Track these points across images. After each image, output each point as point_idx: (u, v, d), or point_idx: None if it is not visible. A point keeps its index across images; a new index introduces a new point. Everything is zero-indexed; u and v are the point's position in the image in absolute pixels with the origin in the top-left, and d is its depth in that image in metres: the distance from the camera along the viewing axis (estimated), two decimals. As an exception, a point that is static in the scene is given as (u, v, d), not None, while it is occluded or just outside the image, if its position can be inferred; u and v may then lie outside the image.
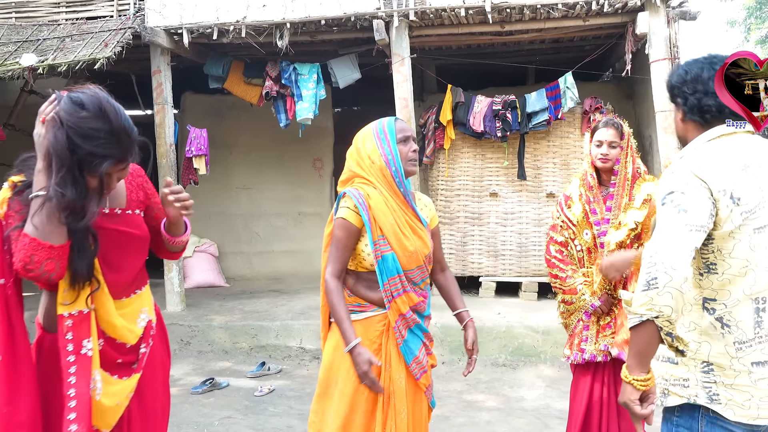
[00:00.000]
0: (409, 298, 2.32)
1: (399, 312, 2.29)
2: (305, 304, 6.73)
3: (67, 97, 1.71)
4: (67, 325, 1.77)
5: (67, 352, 1.77)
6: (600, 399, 2.91)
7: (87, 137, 1.68)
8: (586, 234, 2.93)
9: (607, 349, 2.85)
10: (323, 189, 8.83)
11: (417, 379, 2.33)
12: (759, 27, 23.70)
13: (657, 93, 5.85)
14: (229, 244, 8.79)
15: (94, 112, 1.69)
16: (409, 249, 2.29)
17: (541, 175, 6.90)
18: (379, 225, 2.26)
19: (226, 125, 8.62)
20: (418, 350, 2.34)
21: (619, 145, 2.88)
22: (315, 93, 6.76)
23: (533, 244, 6.85)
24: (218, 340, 5.95)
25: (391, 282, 2.27)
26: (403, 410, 2.24)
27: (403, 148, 2.34)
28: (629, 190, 2.88)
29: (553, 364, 5.33)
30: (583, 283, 2.92)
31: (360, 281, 2.35)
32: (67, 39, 6.32)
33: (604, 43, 6.96)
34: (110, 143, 1.71)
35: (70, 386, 1.76)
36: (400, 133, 2.35)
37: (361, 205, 2.26)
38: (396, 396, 2.26)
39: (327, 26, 6.25)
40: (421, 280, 2.39)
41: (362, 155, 2.35)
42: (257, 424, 4.23)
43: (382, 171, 2.31)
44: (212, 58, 7.11)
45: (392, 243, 2.27)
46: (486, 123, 6.67)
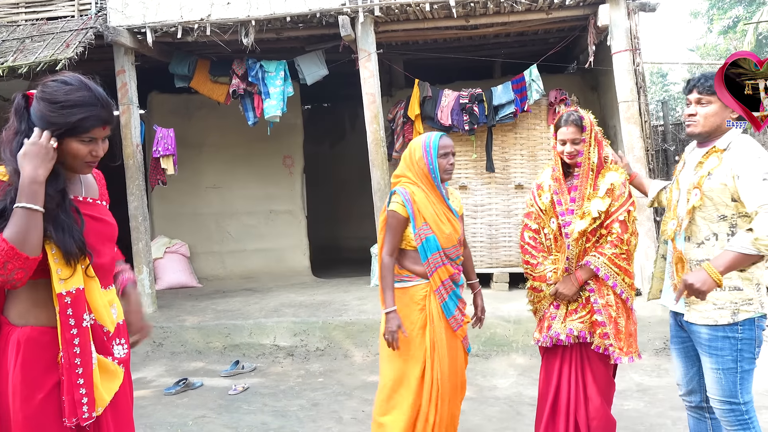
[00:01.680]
0: (447, 269, 3.02)
1: (440, 279, 3.00)
2: (278, 302, 6.73)
3: (51, 81, 1.88)
4: (66, 302, 1.84)
5: (70, 326, 1.84)
6: (568, 381, 2.98)
7: (76, 105, 1.85)
8: (553, 222, 3.01)
9: (572, 332, 2.92)
10: (294, 186, 8.82)
11: (455, 331, 3.03)
12: (721, 17, 24.20)
13: (620, 84, 5.96)
14: (200, 244, 8.73)
15: (77, 84, 1.88)
16: (446, 232, 3.00)
17: (509, 167, 6.98)
18: (422, 215, 2.98)
19: (194, 124, 8.56)
20: (455, 309, 3.03)
21: (581, 140, 2.94)
22: (282, 90, 6.75)
23: (503, 236, 6.94)
24: (191, 341, 5.92)
25: (433, 257, 2.98)
26: (445, 354, 2.97)
27: (443, 161, 3.02)
28: (594, 179, 2.94)
29: (525, 352, 5.41)
30: (552, 271, 2.99)
31: (408, 258, 3.05)
32: (27, 40, 6.20)
33: (568, 36, 7.07)
34: (96, 107, 1.88)
35: (76, 356, 1.84)
36: (442, 149, 3.02)
37: (407, 201, 2.99)
38: (438, 343, 2.97)
39: (292, 23, 6.24)
40: (456, 256, 3.09)
41: (413, 160, 3.06)
42: (232, 422, 4.23)
43: (426, 176, 3.02)
44: (177, 57, 7.04)
45: (433, 228, 2.98)
46: (453, 117, 6.72)
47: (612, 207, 2.89)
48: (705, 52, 26.44)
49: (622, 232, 2.88)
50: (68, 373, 1.84)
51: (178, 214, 8.56)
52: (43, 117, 1.83)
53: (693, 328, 2.61)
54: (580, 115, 2.98)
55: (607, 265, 2.87)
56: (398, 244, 3.04)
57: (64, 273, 1.84)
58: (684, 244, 2.61)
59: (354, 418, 4.21)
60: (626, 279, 2.91)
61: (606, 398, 3.01)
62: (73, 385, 1.84)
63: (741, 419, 2.55)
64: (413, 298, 3.02)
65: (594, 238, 2.93)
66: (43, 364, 1.85)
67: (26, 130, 1.84)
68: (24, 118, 1.86)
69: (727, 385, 2.53)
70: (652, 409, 4.13)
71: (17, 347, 1.84)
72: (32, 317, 1.86)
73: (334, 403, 4.53)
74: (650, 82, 29.73)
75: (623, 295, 2.91)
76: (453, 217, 3.08)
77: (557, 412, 3.00)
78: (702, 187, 2.51)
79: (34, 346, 1.85)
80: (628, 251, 2.90)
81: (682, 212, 2.62)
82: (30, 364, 1.84)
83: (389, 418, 2.99)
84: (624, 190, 2.93)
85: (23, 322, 1.86)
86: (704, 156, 2.59)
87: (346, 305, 6.38)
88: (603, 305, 2.89)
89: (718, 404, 2.58)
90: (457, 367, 3.06)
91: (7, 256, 1.70)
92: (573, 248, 2.94)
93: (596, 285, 2.92)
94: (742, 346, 2.52)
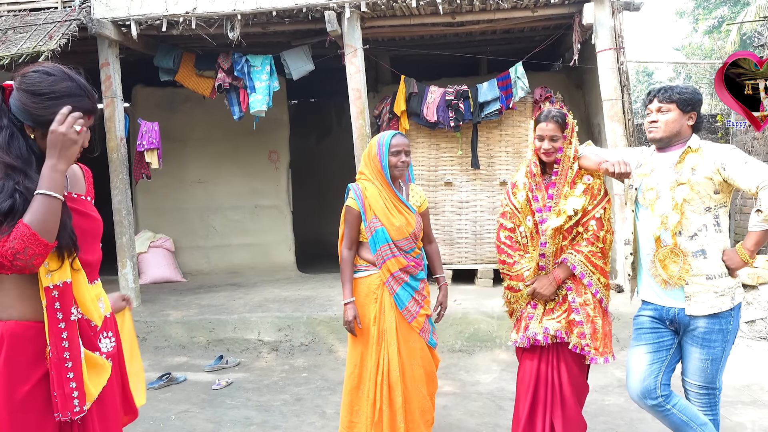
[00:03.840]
0: (398, 261, 3.15)
1: (389, 271, 3.15)
2: (263, 297, 6.72)
3: (31, 72, 1.86)
4: (54, 296, 1.83)
5: (58, 320, 1.83)
6: (546, 381, 2.99)
7: (61, 96, 1.84)
8: (528, 220, 3.02)
9: (548, 331, 2.93)
10: (280, 181, 8.80)
11: (409, 323, 3.15)
12: (706, 17, 24.40)
13: (603, 82, 6.00)
14: (185, 238, 8.68)
15: (60, 75, 1.87)
16: (395, 224, 3.14)
17: (494, 163, 7.02)
18: (372, 209, 3.14)
19: (179, 118, 8.51)
20: (408, 301, 3.16)
21: (561, 137, 2.95)
22: (268, 85, 6.72)
23: (488, 232, 6.97)
24: (175, 335, 5.90)
25: (383, 248, 3.14)
26: (393, 342, 3.12)
27: (393, 158, 3.17)
28: (572, 178, 2.95)
29: (508, 348, 5.45)
30: (527, 269, 3.01)
31: (365, 248, 3.21)
32: (9, 31, 6.13)
33: (553, 34, 7.11)
34: (81, 97, 1.88)
35: (65, 350, 1.83)
36: (393, 147, 3.18)
37: (357, 197, 3.18)
38: (387, 333, 3.14)
39: (279, 17, 6.22)
40: (410, 249, 3.21)
41: (370, 157, 3.23)
42: (215, 416, 4.23)
43: (379, 172, 3.19)
44: (162, 50, 7.00)
45: (382, 221, 3.13)
46: (439, 113, 6.74)
47: (589, 205, 2.92)
48: (690, 52, 26.67)
49: (598, 230, 2.91)
50: (57, 367, 1.82)
51: (163, 208, 8.51)
52: (26, 109, 1.81)
53: (691, 321, 2.73)
54: (563, 112, 2.99)
55: (583, 263, 2.89)
56: (356, 237, 3.22)
57: (52, 266, 1.82)
58: (676, 238, 2.72)
59: (337, 413, 4.21)
60: (601, 279, 2.94)
61: (579, 400, 3.04)
62: (63, 379, 1.83)
63: (713, 402, 2.83)
64: (370, 287, 3.19)
65: (570, 236, 2.95)
66: (27, 358, 1.84)
67: (8, 124, 1.82)
68: (4, 112, 1.83)
69: (710, 374, 2.76)
70: (633, 404, 4.15)
71: (0, 341, 1.82)
72: (16, 311, 1.84)
73: (318, 397, 4.54)
74: (636, 81, 29.93)
75: (598, 295, 2.93)
76: (407, 211, 3.22)
77: (535, 413, 3.00)
78: (690, 182, 2.69)
79: (18, 340, 1.83)
80: (603, 249, 2.93)
81: (666, 209, 2.74)
82: (15, 358, 1.82)
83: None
84: (602, 188, 2.96)
85: (6, 315, 1.84)
86: (681, 156, 2.77)
87: (331, 300, 6.39)
88: (581, 304, 2.91)
89: (695, 389, 2.83)
90: (414, 360, 3.16)
91: (28, 242, 1.71)
92: (549, 245, 2.95)
93: (574, 284, 2.94)
94: (730, 337, 2.75)
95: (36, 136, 1.85)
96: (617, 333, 5.01)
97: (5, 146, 1.80)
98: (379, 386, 3.11)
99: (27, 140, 1.84)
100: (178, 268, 8.32)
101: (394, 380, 3.10)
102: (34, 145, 1.85)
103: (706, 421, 2.79)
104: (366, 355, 3.18)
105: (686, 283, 2.72)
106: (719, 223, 2.72)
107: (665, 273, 2.75)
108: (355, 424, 3.18)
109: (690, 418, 2.78)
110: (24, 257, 1.71)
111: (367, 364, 3.17)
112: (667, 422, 2.84)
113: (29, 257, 1.72)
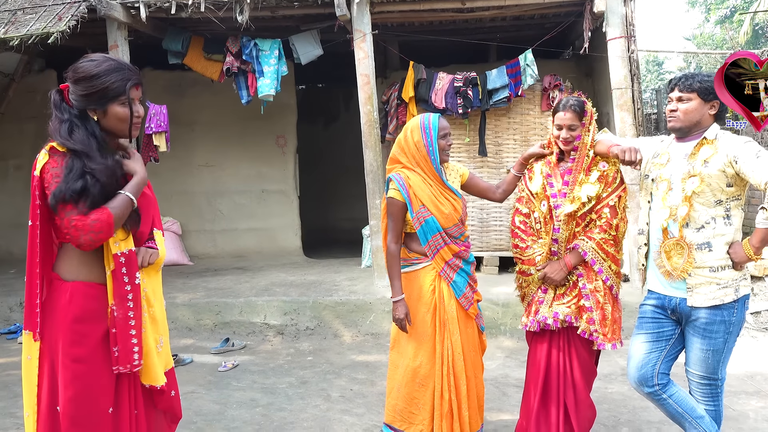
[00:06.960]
0: (450, 249, 3.04)
1: (444, 260, 3.03)
2: (269, 281, 6.76)
3: (77, 64, 2.14)
4: (121, 261, 2.12)
5: (124, 283, 2.12)
6: (557, 365, 3.01)
7: (108, 71, 2.12)
8: (543, 205, 3.03)
9: (558, 315, 2.95)
10: (287, 166, 8.81)
11: (466, 310, 3.06)
12: (719, 7, 24.16)
13: (613, 71, 5.96)
14: (192, 222, 8.73)
15: (102, 58, 2.16)
16: (445, 212, 3.01)
17: (501, 151, 7.00)
18: (419, 198, 2.99)
19: (187, 102, 8.51)
20: (465, 287, 3.06)
21: (579, 126, 2.96)
22: (276, 69, 6.71)
23: (494, 220, 6.97)
24: (182, 318, 5.95)
25: (434, 239, 3.01)
26: (455, 331, 3.02)
27: (442, 141, 3.03)
28: (588, 165, 2.96)
29: (513, 335, 5.48)
30: (540, 254, 3.02)
31: (414, 240, 3.07)
32: (18, 12, 6.13)
33: (564, 21, 7.05)
34: (125, 71, 2.17)
35: (129, 309, 2.12)
36: (442, 130, 3.03)
37: (402, 187, 3.00)
38: (449, 322, 3.02)
39: (288, 1, 6.18)
40: (460, 234, 3.10)
41: (409, 143, 3.05)
42: (221, 398, 4.27)
43: (424, 158, 3.02)
44: (171, 33, 6.98)
45: (431, 209, 2.99)
46: (448, 100, 6.72)
47: (604, 192, 2.92)
48: (701, 42, 26.44)
49: (612, 217, 2.91)
50: (121, 325, 2.11)
51: (170, 191, 8.53)
52: (86, 94, 2.10)
53: (692, 311, 2.72)
54: (581, 101, 2.99)
55: (594, 250, 2.90)
56: (401, 229, 3.08)
57: (119, 236, 2.12)
58: (683, 230, 2.70)
59: (342, 396, 4.26)
60: (613, 266, 2.94)
61: (588, 384, 3.06)
62: (126, 335, 2.11)
63: (715, 393, 2.82)
64: (425, 278, 3.05)
65: (584, 222, 2.96)
66: (91, 314, 2.11)
67: (68, 118, 2.10)
68: (65, 110, 2.11)
69: (712, 364, 2.75)
70: (636, 393, 4.18)
71: (69, 298, 2.10)
72: (81, 274, 2.14)
73: (323, 381, 4.58)
74: (646, 71, 29.72)
75: (608, 282, 2.94)
76: (453, 196, 3.08)
77: (549, 397, 3.02)
78: (701, 174, 2.65)
79: (83, 298, 2.11)
80: (616, 237, 2.93)
81: (676, 200, 2.72)
82: (81, 314, 2.10)
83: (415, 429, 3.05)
84: (617, 176, 2.96)
85: (73, 277, 2.13)
86: (696, 147, 2.73)
87: (337, 285, 6.42)
88: (591, 290, 2.92)
89: (697, 379, 2.82)
90: (472, 346, 3.09)
91: (104, 227, 2.02)
92: (563, 231, 2.97)
93: (585, 270, 2.95)
94: (733, 329, 2.71)
95: (98, 116, 2.13)
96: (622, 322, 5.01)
97: (68, 135, 2.07)
98: (446, 377, 2.99)
99: (87, 128, 2.10)
100: (185, 252, 8.36)
101: (458, 369, 3.01)
102: (95, 130, 2.11)
103: (702, 414, 2.78)
104: (425, 347, 3.03)
105: (689, 275, 2.71)
106: (729, 216, 2.68)
107: (669, 264, 2.74)
108: (416, 416, 3.05)
109: (685, 410, 2.79)
110: (96, 237, 2.01)
111: (428, 356, 3.03)
112: (663, 411, 2.86)
113: (100, 239, 2.03)
